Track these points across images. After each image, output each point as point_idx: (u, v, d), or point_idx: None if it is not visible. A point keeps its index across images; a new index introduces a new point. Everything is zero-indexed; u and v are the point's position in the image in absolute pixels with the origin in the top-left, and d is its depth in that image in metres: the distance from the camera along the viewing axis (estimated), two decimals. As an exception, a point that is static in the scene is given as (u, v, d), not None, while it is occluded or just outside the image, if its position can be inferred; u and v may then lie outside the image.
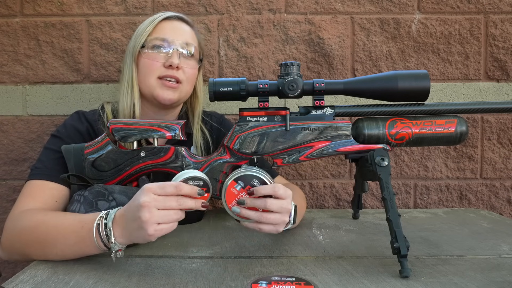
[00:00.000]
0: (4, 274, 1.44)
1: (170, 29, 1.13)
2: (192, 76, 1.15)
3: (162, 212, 0.76)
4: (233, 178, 0.83)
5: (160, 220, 0.76)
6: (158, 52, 1.11)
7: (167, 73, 1.10)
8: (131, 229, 0.77)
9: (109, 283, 0.74)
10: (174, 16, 1.16)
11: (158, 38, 1.11)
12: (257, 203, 0.81)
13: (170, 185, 0.77)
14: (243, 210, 0.82)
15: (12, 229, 0.90)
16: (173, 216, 0.77)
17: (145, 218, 0.74)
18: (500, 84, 1.51)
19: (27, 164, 1.47)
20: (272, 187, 0.82)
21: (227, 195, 0.83)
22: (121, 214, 0.79)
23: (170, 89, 1.10)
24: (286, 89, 0.90)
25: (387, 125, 0.92)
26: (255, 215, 0.82)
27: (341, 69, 1.51)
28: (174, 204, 0.77)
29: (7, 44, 1.47)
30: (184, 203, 0.78)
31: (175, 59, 1.09)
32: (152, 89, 1.11)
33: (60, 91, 1.48)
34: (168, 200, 0.77)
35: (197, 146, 1.18)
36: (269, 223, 0.82)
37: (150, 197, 0.75)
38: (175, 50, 1.11)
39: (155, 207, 0.75)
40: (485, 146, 1.53)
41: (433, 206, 1.54)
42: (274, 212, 0.82)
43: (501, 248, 0.95)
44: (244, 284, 0.73)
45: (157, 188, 0.77)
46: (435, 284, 0.74)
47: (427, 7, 1.50)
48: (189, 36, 1.15)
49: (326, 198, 1.54)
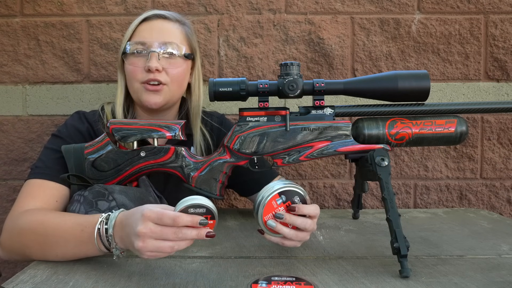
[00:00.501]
0: (4, 274, 1.44)
1: (148, 31, 1.10)
2: (179, 75, 1.11)
3: (157, 243, 0.73)
4: (278, 191, 0.80)
5: (154, 250, 0.73)
6: (138, 57, 1.09)
7: (149, 77, 1.07)
8: (128, 243, 0.76)
9: (109, 283, 0.74)
10: (154, 16, 1.12)
11: (136, 42, 1.09)
12: (298, 222, 0.80)
13: (168, 216, 0.72)
14: (279, 225, 0.80)
15: (12, 229, 0.90)
16: (167, 249, 0.73)
17: (138, 246, 0.73)
18: (500, 84, 1.51)
19: (27, 164, 1.47)
20: (315, 208, 0.82)
21: (267, 206, 0.80)
22: (120, 224, 0.78)
23: (154, 92, 1.08)
24: (286, 89, 0.90)
25: (387, 125, 0.92)
26: (290, 233, 0.80)
27: (341, 69, 1.51)
28: (171, 236, 0.73)
29: (7, 44, 1.47)
30: (184, 235, 0.73)
31: (152, 63, 1.06)
32: (139, 94, 1.10)
33: (60, 91, 1.48)
34: (165, 232, 0.73)
35: (197, 146, 1.18)
36: (298, 241, 0.82)
37: (147, 228, 0.72)
38: (152, 53, 1.07)
39: (151, 237, 0.73)
40: (485, 146, 1.53)
41: (433, 206, 1.54)
42: (306, 231, 0.82)
43: (501, 248, 0.95)
44: (244, 284, 0.73)
45: (156, 218, 0.73)
46: (435, 284, 0.74)
47: (427, 7, 1.50)
48: (171, 33, 1.11)
49: (326, 198, 1.54)
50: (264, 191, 0.82)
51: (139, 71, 1.08)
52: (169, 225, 0.73)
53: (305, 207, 0.81)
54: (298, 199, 0.81)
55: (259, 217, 0.80)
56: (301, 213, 0.80)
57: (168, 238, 0.73)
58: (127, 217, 0.77)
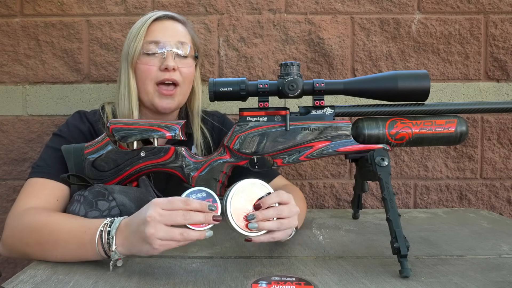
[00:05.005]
0: (4, 274, 1.44)
1: (162, 30, 1.11)
2: (190, 75, 1.14)
3: (167, 229, 0.74)
4: (231, 196, 0.80)
5: (165, 238, 0.74)
6: (152, 56, 1.09)
7: (164, 77, 1.08)
8: (133, 241, 0.76)
9: (109, 283, 0.74)
10: (164, 16, 1.13)
11: (150, 42, 1.09)
12: (270, 214, 0.80)
13: (179, 199, 0.76)
14: (260, 223, 0.79)
15: (14, 227, 0.90)
16: (177, 236, 0.74)
17: (149, 233, 0.73)
18: (500, 84, 1.51)
19: (27, 164, 1.47)
20: (276, 195, 0.82)
21: (235, 216, 0.80)
22: (126, 224, 0.79)
23: (168, 97, 1.09)
24: (286, 89, 0.90)
25: (387, 125, 0.92)
26: (274, 224, 0.80)
27: (341, 69, 1.51)
28: (180, 218, 0.74)
29: (7, 44, 1.47)
30: (192, 218, 0.74)
31: (170, 62, 1.07)
32: (151, 97, 1.10)
33: (60, 91, 1.48)
34: (174, 214, 0.74)
35: (197, 146, 1.18)
36: (284, 229, 0.82)
37: (156, 212, 0.74)
38: (169, 52, 1.08)
39: (161, 222, 0.74)
40: (485, 146, 1.53)
41: (433, 206, 1.54)
42: (287, 218, 0.82)
43: (501, 248, 0.95)
44: (244, 284, 0.73)
45: (166, 203, 0.75)
46: (435, 284, 0.74)
47: (427, 7, 1.50)
48: (182, 34, 1.13)
49: (326, 198, 1.54)
50: (224, 201, 0.81)
51: (153, 70, 1.08)
52: (180, 207, 0.75)
53: (266, 198, 0.81)
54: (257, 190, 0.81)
55: (235, 228, 0.79)
56: (266, 205, 0.80)
57: (177, 221, 0.74)
58: (133, 216, 0.79)
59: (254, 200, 0.81)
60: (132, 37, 1.11)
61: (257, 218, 0.79)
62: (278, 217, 0.81)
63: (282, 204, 0.82)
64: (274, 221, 0.81)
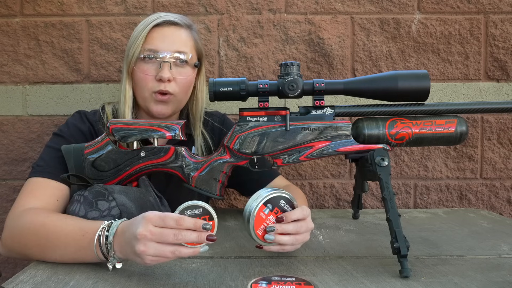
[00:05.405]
0: (4, 274, 1.44)
1: (161, 38, 1.08)
2: (187, 85, 1.11)
3: (158, 246, 0.72)
4: (263, 201, 0.80)
5: (155, 255, 0.72)
6: (149, 65, 1.07)
7: (159, 88, 1.06)
8: (127, 251, 0.76)
9: (109, 283, 0.74)
10: (166, 22, 1.10)
11: (148, 50, 1.07)
12: (290, 228, 0.80)
13: (171, 217, 0.72)
14: (277, 237, 0.79)
15: (13, 228, 0.90)
16: (168, 254, 0.72)
17: (139, 250, 0.72)
18: (500, 84, 1.51)
19: (27, 164, 1.47)
20: (300, 211, 0.82)
21: (256, 220, 0.79)
22: (122, 230, 0.77)
23: (163, 103, 1.08)
24: (286, 89, 0.90)
25: (387, 125, 0.92)
26: (289, 240, 0.80)
27: (341, 69, 1.51)
28: (171, 238, 0.72)
29: (7, 44, 1.47)
30: (184, 237, 0.72)
31: (165, 73, 1.05)
32: (147, 102, 1.09)
33: (60, 91, 1.48)
34: (165, 233, 0.72)
35: (198, 146, 1.17)
36: (297, 245, 0.82)
37: (147, 230, 0.72)
38: (165, 63, 1.06)
39: (152, 240, 0.72)
40: (485, 146, 1.53)
41: (433, 206, 1.54)
42: (302, 234, 0.82)
43: (501, 248, 0.95)
44: (244, 284, 0.73)
45: (158, 220, 0.73)
46: (435, 284, 0.74)
47: (427, 7, 1.50)
48: (182, 41, 1.10)
49: (326, 198, 1.54)
50: (250, 204, 0.81)
51: (149, 80, 1.07)
52: (172, 226, 0.72)
53: (292, 213, 0.80)
54: (284, 202, 0.81)
55: (252, 231, 0.79)
56: (289, 220, 0.80)
57: (168, 240, 0.72)
58: (128, 224, 0.77)
59: (278, 211, 0.81)
60: (132, 40, 1.10)
61: (276, 231, 0.79)
62: (297, 233, 0.81)
63: (300, 220, 0.82)
64: (290, 236, 0.80)
